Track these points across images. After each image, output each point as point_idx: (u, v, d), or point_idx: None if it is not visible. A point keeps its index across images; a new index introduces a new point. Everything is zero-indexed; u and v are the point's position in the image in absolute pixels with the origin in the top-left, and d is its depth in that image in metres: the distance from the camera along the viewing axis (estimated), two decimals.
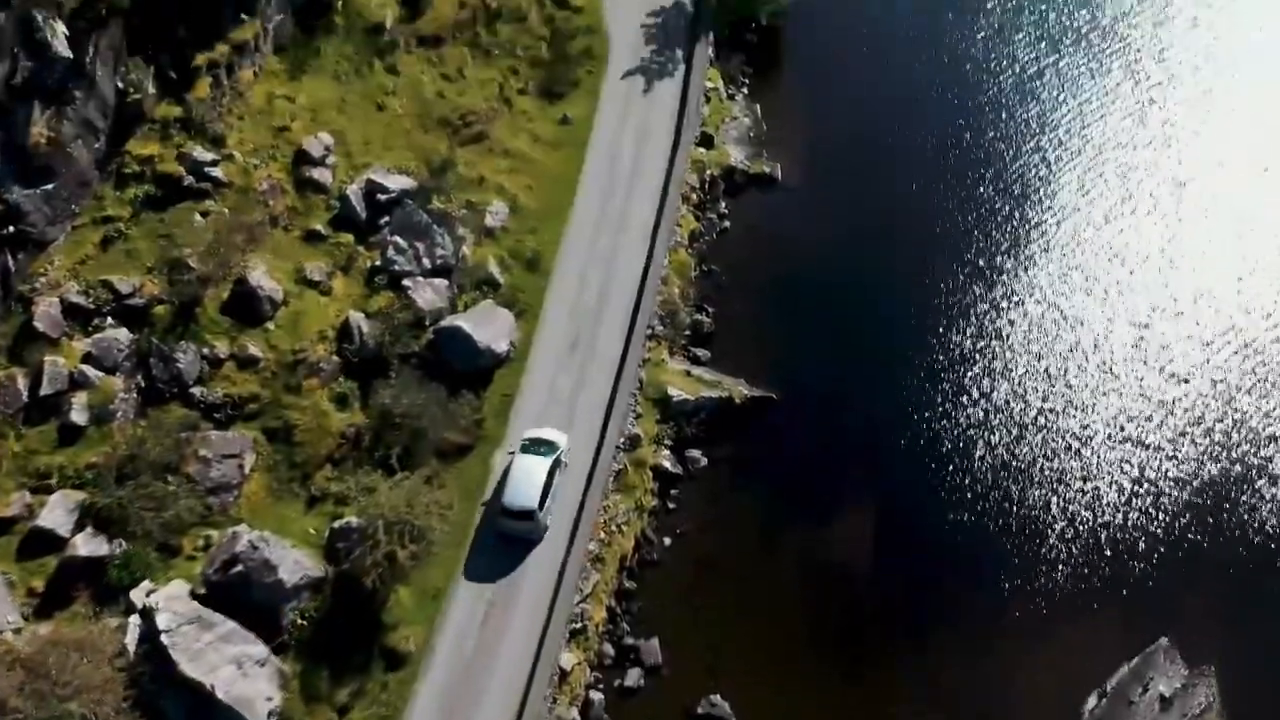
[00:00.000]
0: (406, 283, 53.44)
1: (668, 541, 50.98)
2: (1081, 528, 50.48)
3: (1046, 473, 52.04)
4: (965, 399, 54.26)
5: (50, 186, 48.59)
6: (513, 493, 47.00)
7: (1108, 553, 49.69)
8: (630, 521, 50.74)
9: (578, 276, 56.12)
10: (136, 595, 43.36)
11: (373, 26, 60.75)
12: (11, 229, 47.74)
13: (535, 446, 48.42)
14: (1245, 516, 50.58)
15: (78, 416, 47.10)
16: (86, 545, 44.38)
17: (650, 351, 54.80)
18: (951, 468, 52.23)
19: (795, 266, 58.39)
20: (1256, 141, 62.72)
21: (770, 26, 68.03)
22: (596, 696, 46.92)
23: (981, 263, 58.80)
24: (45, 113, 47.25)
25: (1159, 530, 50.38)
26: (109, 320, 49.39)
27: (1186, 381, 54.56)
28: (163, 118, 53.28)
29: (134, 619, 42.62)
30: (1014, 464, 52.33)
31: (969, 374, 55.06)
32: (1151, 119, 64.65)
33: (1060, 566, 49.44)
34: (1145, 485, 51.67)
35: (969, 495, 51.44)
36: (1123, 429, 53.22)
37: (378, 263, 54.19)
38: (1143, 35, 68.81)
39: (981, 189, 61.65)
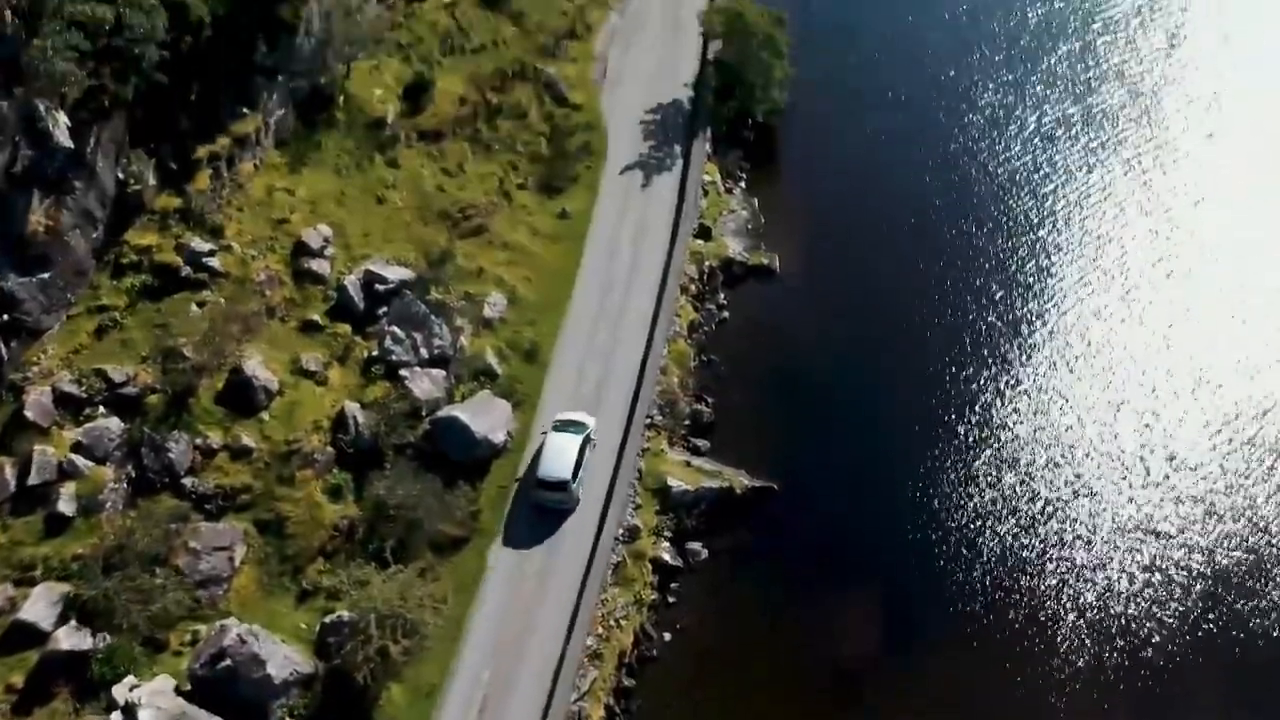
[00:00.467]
0: (403, 373, 53.04)
1: (668, 637, 49.59)
2: (1092, 618, 49.17)
3: (1054, 562, 50.93)
4: (969, 488, 53.35)
5: (46, 275, 48.48)
6: (547, 466, 49.94)
7: (1119, 643, 48.31)
8: (629, 616, 49.46)
9: (576, 367, 55.80)
10: (119, 691, 41.99)
11: (374, 121, 61.48)
12: (5, 317, 47.55)
13: (566, 426, 51.38)
14: (1258, 604, 49.35)
15: (65, 507, 46.24)
16: (69, 639, 43.22)
17: (649, 441, 54.13)
18: (957, 558, 51.15)
19: (795, 356, 58.03)
20: (1256, 232, 63.00)
21: (766, 124, 68.76)
22: None
23: (984, 352, 58.44)
24: (44, 202, 47.35)
25: (1171, 619, 49.12)
26: (101, 409, 48.81)
27: (1194, 469, 53.78)
28: (162, 208, 53.46)
29: (116, 716, 41.25)
30: (1021, 553, 51.27)
31: (973, 463, 54.26)
32: (1151, 209, 64.94)
33: (1070, 658, 48.02)
34: (1155, 574, 50.50)
35: (975, 586, 50.26)
36: (1131, 517, 52.26)
37: (375, 353, 53.84)
38: (1138, 127, 69.54)
39: (980, 279, 61.58)
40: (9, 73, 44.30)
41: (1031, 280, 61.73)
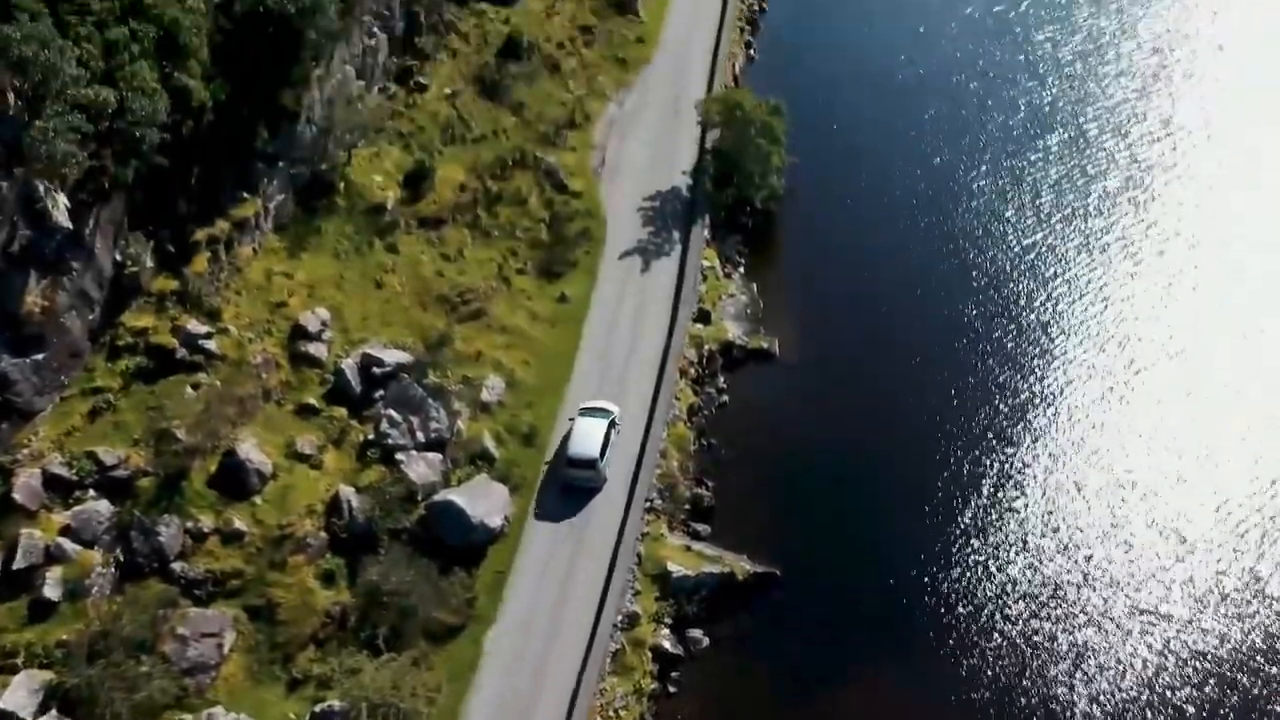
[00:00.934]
0: (399, 456, 52.39)
1: None
2: (1105, 704, 47.72)
3: (1066, 647, 49.60)
4: (977, 573, 52.26)
5: (40, 356, 47.97)
6: (576, 446, 53.02)
7: None
8: (629, 706, 48.16)
9: None
10: None
11: (374, 207, 61.73)
12: None
13: (592, 412, 54.51)
14: (1274, 688, 47.95)
15: (51, 592, 45.10)
16: None
17: (649, 526, 53.26)
18: (965, 644, 49.87)
19: (796, 440, 57.37)
20: (1259, 316, 63.05)
21: (765, 209, 69.08)
22: None
23: (989, 434, 57.74)
24: (41, 282, 47.06)
25: (1186, 705, 47.70)
26: (91, 492, 47.94)
27: (1205, 550, 52.77)
28: (159, 291, 53.23)
29: None
30: (1031, 638, 49.99)
31: (980, 547, 53.25)
32: (1152, 293, 64.85)
33: None
34: (1169, 658, 49.15)
35: (984, 672, 48.89)
36: (1143, 600, 51.06)
37: (371, 436, 53.23)
38: (1137, 212, 69.75)
39: (983, 361, 61.16)
40: (9, 153, 44.35)
41: (1035, 362, 61.26)
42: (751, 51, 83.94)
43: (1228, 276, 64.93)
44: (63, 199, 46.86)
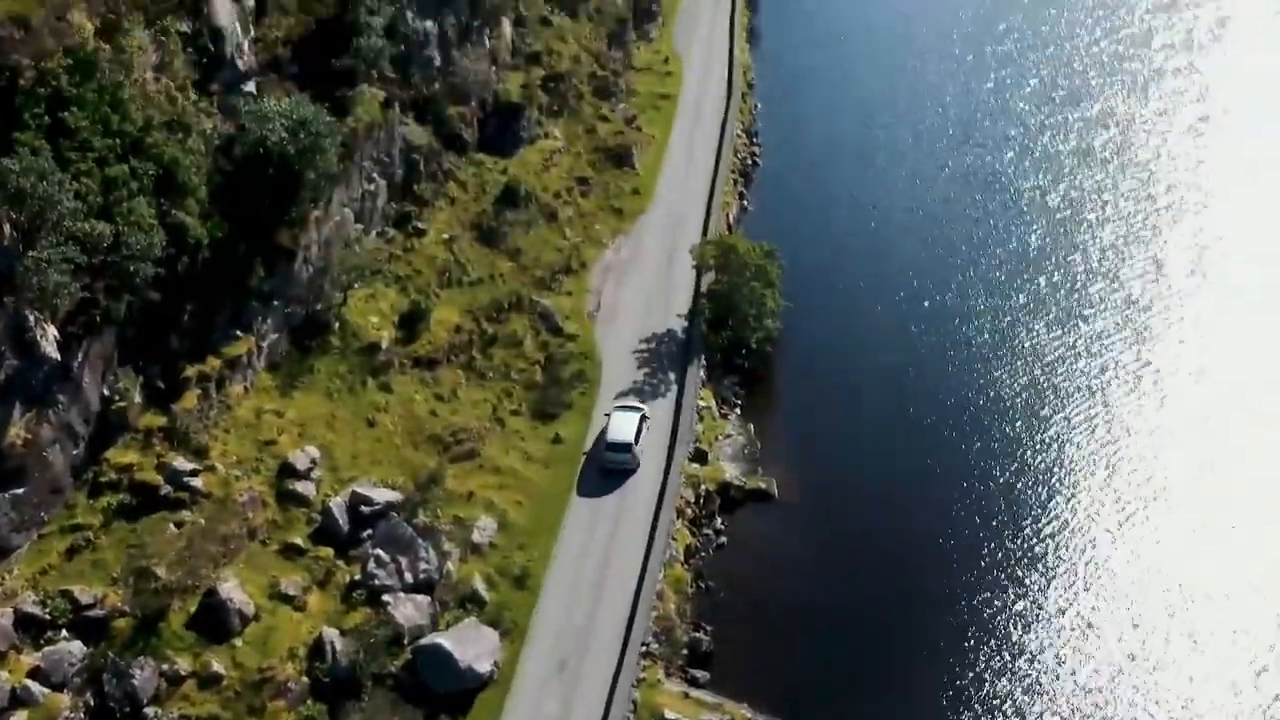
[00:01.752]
0: (386, 598, 50.63)
1: None
2: None
3: None
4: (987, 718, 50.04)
5: (20, 491, 46.66)
6: (614, 432, 59.58)
7: None
8: None
9: (568, 594, 53.35)
10: None
11: (368, 346, 61.47)
12: None
13: (625, 408, 61.18)
14: None
15: None
16: None
17: (645, 672, 50.98)
18: None
19: (796, 583, 55.81)
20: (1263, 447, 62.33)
21: (761, 351, 68.89)
22: None
23: (995, 575, 56.23)
24: (25, 414, 46.15)
25: None
26: (64, 633, 46.02)
27: (1218, 689, 50.70)
28: (146, 427, 52.26)
29: None
30: None
31: (992, 691, 51.05)
32: (1156, 425, 64.48)
33: None
34: None
35: None
36: None
37: (357, 577, 51.58)
38: (1140, 344, 70.21)
39: (985, 500, 60.09)
40: (1, 282, 44.10)
41: (1039, 500, 60.25)
42: (745, 202, 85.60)
43: (1232, 413, 64.71)
44: (52, 330, 46.41)
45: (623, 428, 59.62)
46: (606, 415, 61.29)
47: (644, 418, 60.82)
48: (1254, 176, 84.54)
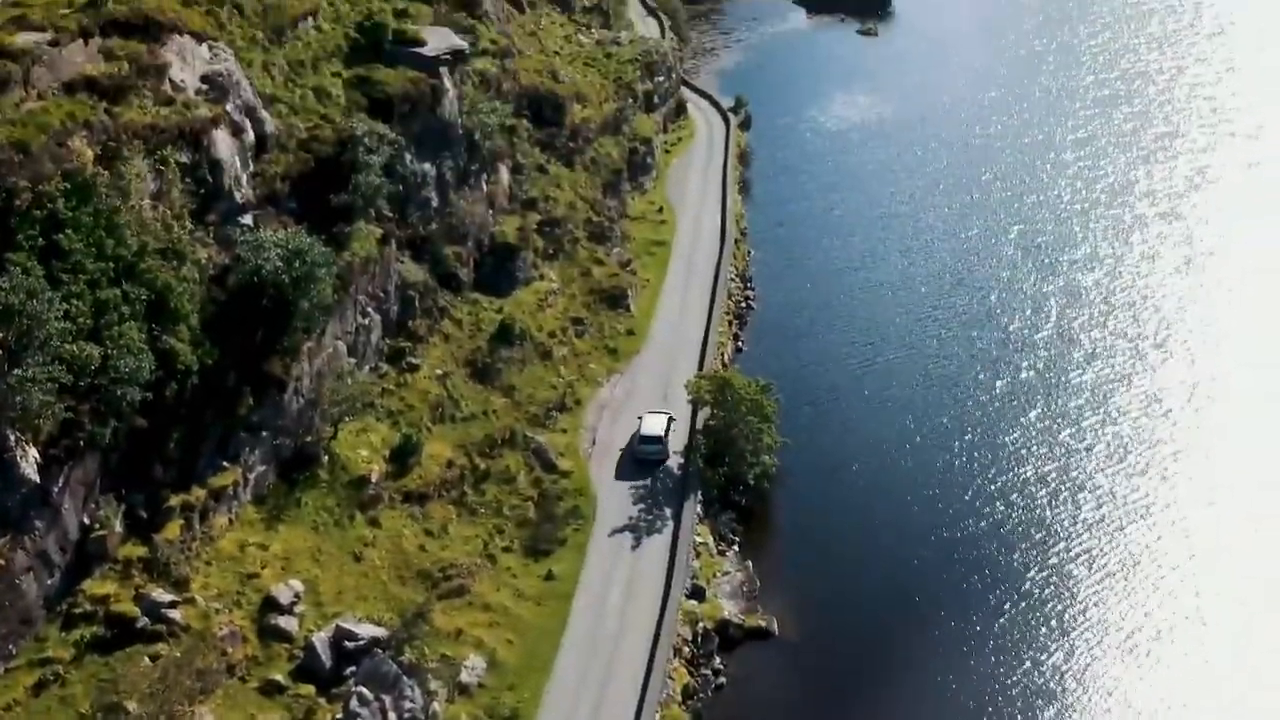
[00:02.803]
0: None
1: None
2: None
3: None
4: None
5: None
6: (647, 428, 68.76)
7: None
8: None
9: None
10: None
11: (357, 479, 60.08)
12: None
13: (654, 413, 70.43)
14: None
15: None
16: None
17: None
18: None
19: None
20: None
21: (758, 487, 67.72)
22: None
23: (1006, 714, 53.82)
24: (0, 539, 44.55)
25: None
26: None
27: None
28: (126, 557, 50.30)
29: None
30: None
31: None
32: (1152, 539, 64.07)
33: None
34: None
35: None
36: None
37: (339, 716, 49.02)
38: (1112, 481, 69.77)
39: (990, 636, 58.28)
40: None
41: (1044, 636, 58.40)
42: (740, 343, 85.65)
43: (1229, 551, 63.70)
44: (33, 452, 45.12)
45: (654, 425, 68.84)
46: (639, 418, 70.19)
47: (671, 419, 69.84)
48: (1238, 316, 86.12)
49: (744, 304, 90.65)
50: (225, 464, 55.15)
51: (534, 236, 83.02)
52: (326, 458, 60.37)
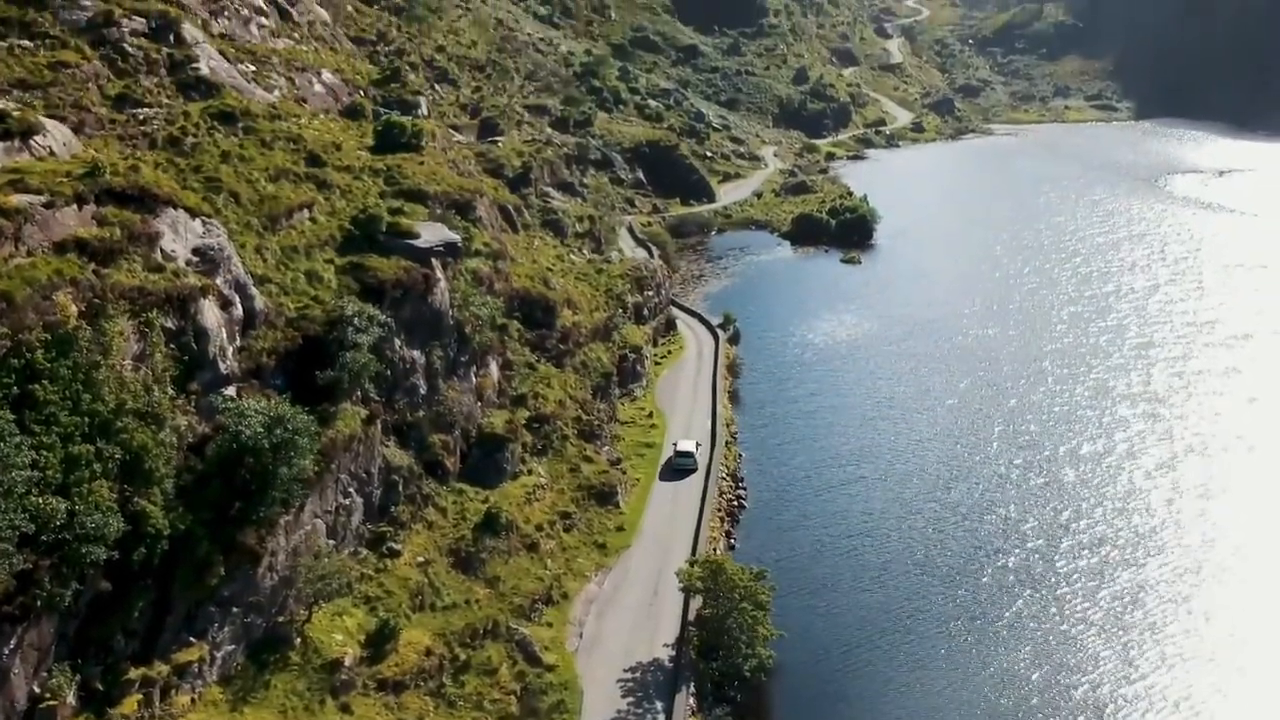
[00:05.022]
0: None
1: None
2: None
3: None
4: None
5: None
6: (681, 447, 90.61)
7: None
8: None
9: None
10: None
11: (330, 663, 56.69)
12: None
13: (685, 439, 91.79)
14: None
15: None
16: None
17: None
18: None
19: None
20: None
21: (754, 682, 64.22)
22: None
23: None
24: None
25: None
26: None
27: None
28: None
29: None
30: None
31: None
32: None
33: None
34: None
35: None
36: None
37: None
38: (1096, 663, 67.91)
39: None
40: None
41: None
42: (732, 540, 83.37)
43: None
44: None
45: (687, 444, 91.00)
46: (674, 445, 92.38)
47: (698, 444, 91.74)
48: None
49: (736, 502, 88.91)
50: (192, 639, 52.01)
51: (523, 431, 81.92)
52: (299, 640, 57.16)
